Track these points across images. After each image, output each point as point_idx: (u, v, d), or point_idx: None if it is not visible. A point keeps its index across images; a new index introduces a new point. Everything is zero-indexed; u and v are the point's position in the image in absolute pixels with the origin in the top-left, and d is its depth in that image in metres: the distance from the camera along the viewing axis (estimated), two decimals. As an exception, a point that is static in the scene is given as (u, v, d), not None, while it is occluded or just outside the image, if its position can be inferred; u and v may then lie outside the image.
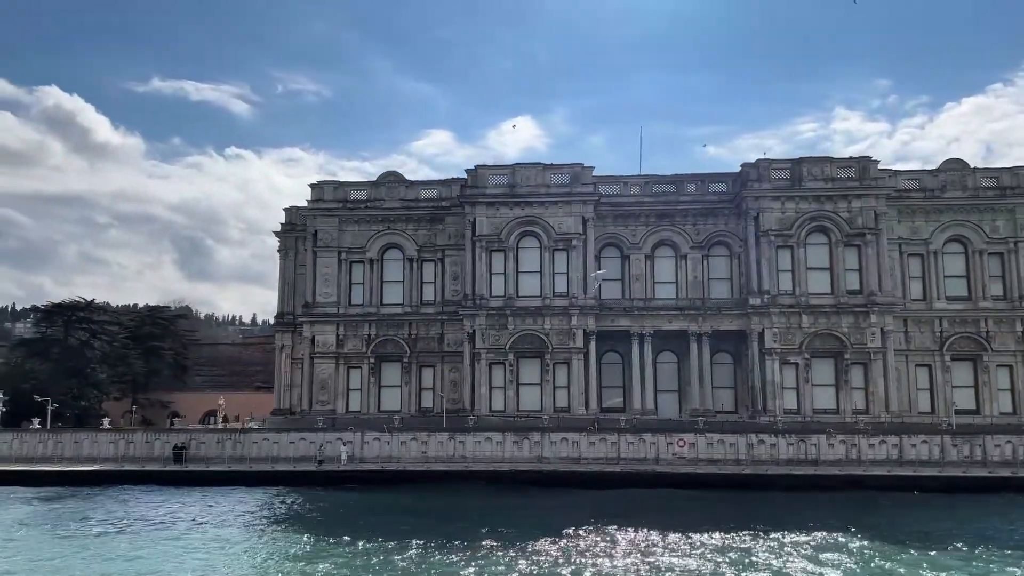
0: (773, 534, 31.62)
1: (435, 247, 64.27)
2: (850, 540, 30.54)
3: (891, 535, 31.29)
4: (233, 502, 42.09)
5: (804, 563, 27.03)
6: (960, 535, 31.20)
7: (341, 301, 64.14)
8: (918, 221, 61.06)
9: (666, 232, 63.14)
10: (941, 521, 35.41)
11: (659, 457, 51.18)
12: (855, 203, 58.38)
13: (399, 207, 64.68)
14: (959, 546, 29.52)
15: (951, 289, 60.54)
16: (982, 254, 60.25)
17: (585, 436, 52.00)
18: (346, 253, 64.56)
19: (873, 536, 31.00)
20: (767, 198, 58.85)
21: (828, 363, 57.57)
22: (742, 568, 26.42)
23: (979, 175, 61.44)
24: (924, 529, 33.06)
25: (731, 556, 28.03)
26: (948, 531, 32.14)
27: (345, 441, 52.96)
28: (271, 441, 54.16)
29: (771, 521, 34.25)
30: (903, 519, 36.25)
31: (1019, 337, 59.24)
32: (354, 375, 63.91)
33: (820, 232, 58.70)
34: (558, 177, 61.02)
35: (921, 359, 59.88)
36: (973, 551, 28.76)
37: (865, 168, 58.86)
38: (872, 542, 30.10)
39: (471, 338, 59.58)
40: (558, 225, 60.30)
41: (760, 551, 28.85)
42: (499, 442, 52.51)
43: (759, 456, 50.71)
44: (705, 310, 59.70)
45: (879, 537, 30.85)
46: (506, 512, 38.06)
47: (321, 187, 65.86)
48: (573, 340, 58.99)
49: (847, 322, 57.25)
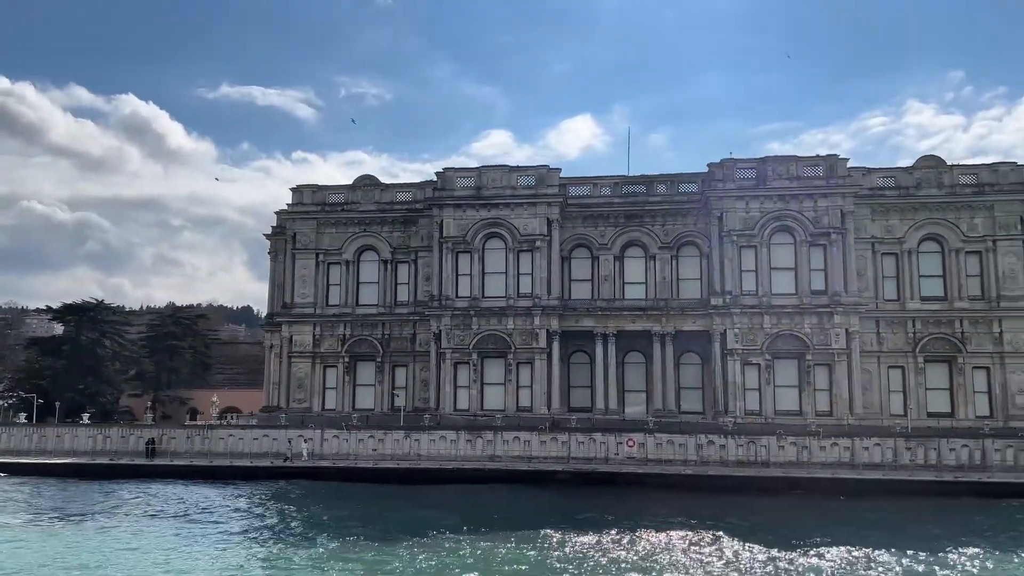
0: (618, 530, 31.99)
1: (409, 249, 65.47)
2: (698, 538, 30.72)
3: (746, 534, 31.27)
4: (179, 495, 43.82)
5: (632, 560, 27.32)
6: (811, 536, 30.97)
7: (318, 302, 65.84)
8: (892, 220, 59.80)
9: (635, 233, 63.10)
10: (811, 521, 35.14)
11: (608, 457, 51.41)
12: (821, 202, 57.53)
13: (374, 209, 66.08)
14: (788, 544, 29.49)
15: (926, 289, 59.14)
16: (959, 253, 58.71)
17: (537, 435, 52.54)
18: (323, 255, 66.24)
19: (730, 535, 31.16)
20: (731, 198, 58.42)
21: (791, 364, 56.87)
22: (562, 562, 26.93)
23: (956, 172, 59.87)
24: (791, 529, 32.76)
25: (546, 551, 28.56)
26: (808, 532, 31.73)
27: (306, 438, 54.53)
28: (236, 437, 56.11)
29: (626, 516, 34.66)
30: (786, 521, 35.89)
31: (996, 338, 57.54)
32: (330, 374, 65.54)
33: (785, 232, 58.02)
34: (524, 179, 61.60)
35: (894, 361, 58.63)
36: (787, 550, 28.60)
37: (832, 166, 57.98)
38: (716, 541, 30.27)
39: (437, 338, 60.61)
40: (523, 226, 60.88)
41: (597, 548, 29.21)
42: (453, 440, 53.44)
43: (708, 457, 50.53)
44: (668, 310, 59.58)
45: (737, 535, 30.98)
46: (433, 508, 38.89)
47: (301, 191, 67.69)
48: (536, 340, 59.51)
49: (810, 323, 56.47)
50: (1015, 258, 57.97)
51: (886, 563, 26.86)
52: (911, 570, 26.11)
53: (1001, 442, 48.46)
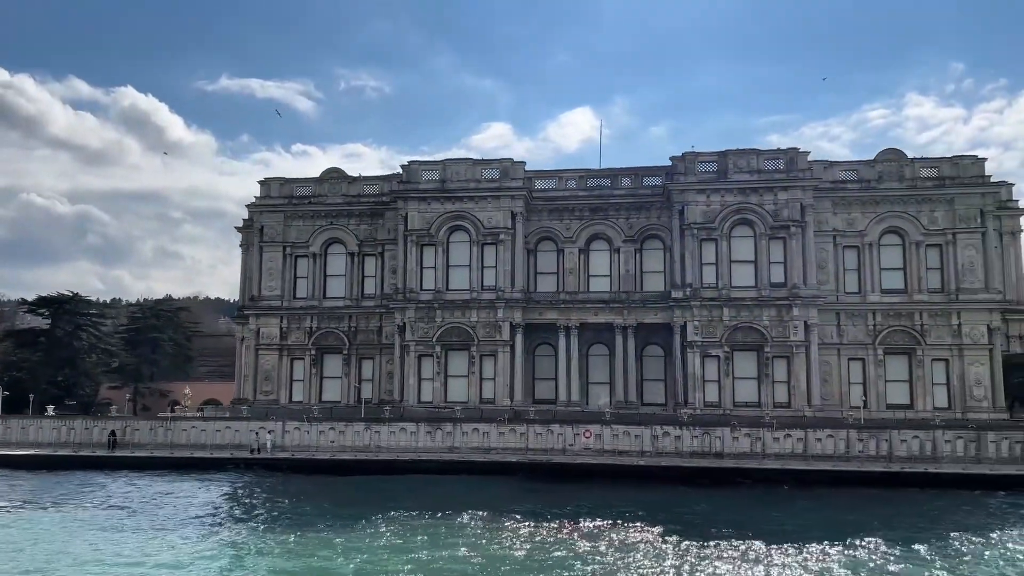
0: (560, 520, 32.48)
1: (376, 242, 65.70)
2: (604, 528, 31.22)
3: (675, 523, 31.72)
4: (129, 485, 44.13)
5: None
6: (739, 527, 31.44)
7: (285, 295, 66.10)
8: (854, 213, 60.11)
9: (600, 226, 63.39)
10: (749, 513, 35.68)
11: (566, 448, 51.80)
12: (781, 195, 57.84)
13: (341, 202, 66.29)
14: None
15: (887, 282, 59.51)
16: (919, 246, 59.07)
17: (495, 427, 52.89)
18: (291, 248, 66.47)
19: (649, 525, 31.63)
20: (692, 191, 58.70)
21: (750, 356, 57.28)
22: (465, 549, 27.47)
23: (918, 165, 60.16)
24: (724, 519, 33.25)
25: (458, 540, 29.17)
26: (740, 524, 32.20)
27: (268, 430, 54.87)
28: (199, 429, 56.43)
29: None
30: (723, 511, 36.32)
31: (955, 331, 57.95)
32: (298, 366, 65.88)
33: (745, 225, 58.33)
34: (488, 172, 61.83)
35: (854, 353, 59.04)
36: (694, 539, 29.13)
37: (793, 160, 58.25)
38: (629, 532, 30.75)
39: (401, 331, 60.93)
40: (487, 219, 61.13)
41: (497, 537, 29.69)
42: (412, 432, 53.77)
43: (663, 448, 50.93)
44: (630, 303, 59.95)
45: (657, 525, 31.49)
46: (385, 499, 39.23)
47: (268, 184, 67.90)
48: (499, 333, 59.85)
49: (769, 315, 56.84)
50: (974, 251, 58.34)
51: (790, 551, 27.32)
52: (802, 557, 26.52)
53: (951, 433, 48.90)
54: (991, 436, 48.40)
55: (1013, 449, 48.05)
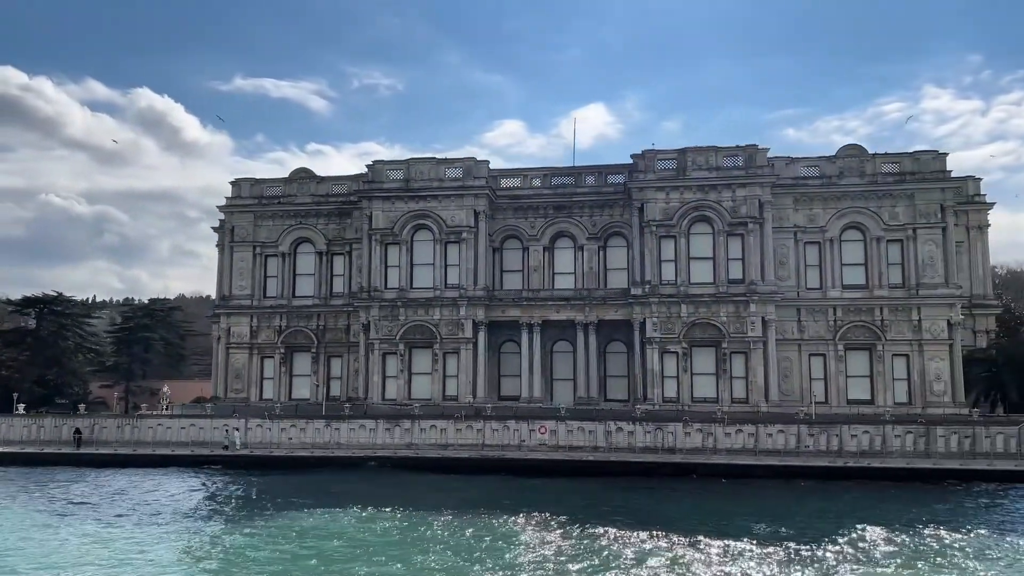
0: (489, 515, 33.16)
1: (344, 241, 66.38)
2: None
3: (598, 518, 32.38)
4: (85, 482, 45.05)
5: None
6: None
7: (255, 294, 66.94)
8: (816, 209, 60.28)
9: (564, 224, 63.85)
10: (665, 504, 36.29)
11: (521, 444, 52.35)
12: (739, 192, 58.10)
13: (310, 202, 67.03)
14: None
15: (848, 277, 59.67)
16: (879, 241, 59.18)
17: (452, 423, 53.52)
18: (260, 247, 67.29)
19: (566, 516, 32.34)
20: (651, 188, 59.06)
21: (709, 352, 57.61)
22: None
23: (879, 160, 60.26)
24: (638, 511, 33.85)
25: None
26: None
27: (232, 427, 55.70)
28: (165, 427, 57.35)
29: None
30: (658, 504, 36.90)
31: (915, 326, 58.05)
32: (268, 364, 66.74)
33: (704, 222, 58.63)
34: (452, 171, 62.37)
35: (815, 348, 59.25)
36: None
37: (751, 157, 58.50)
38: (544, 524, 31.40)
39: (366, 329, 61.63)
40: (450, 218, 61.70)
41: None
42: (372, 429, 54.49)
43: (617, 444, 51.39)
44: (592, 300, 60.39)
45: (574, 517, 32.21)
46: (330, 495, 39.96)
47: (239, 184, 68.74)
48: (462, 330, 60.43)
49: (727, 311, 57.16)
50: (934, 246, 58.40)
51: (662, 538, 28.38)
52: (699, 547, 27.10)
53: (901, 428, 49.12)
54: (940, 431, 48.61)
55: (962, 444, 48.22)
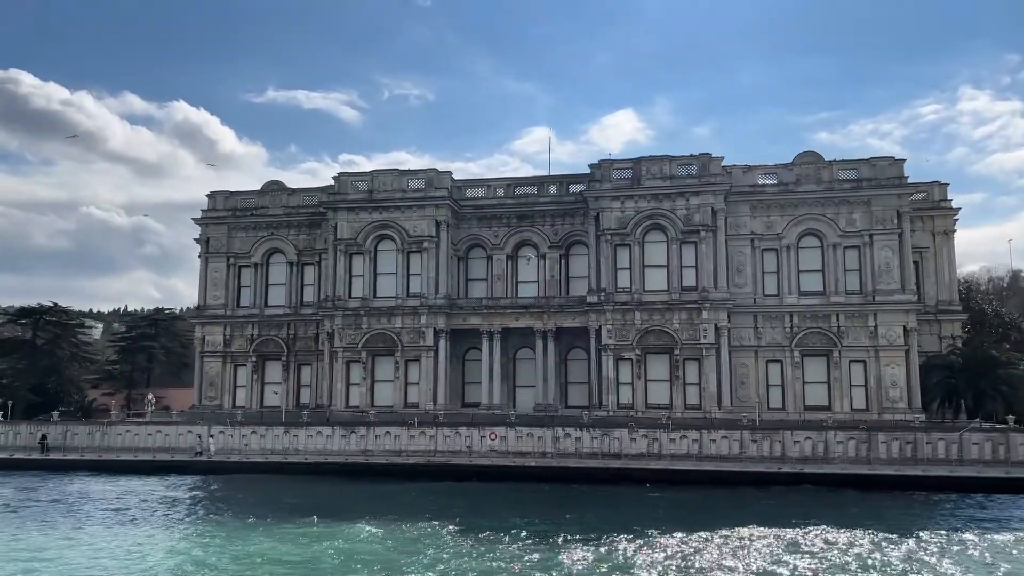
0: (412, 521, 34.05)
1: (314, 251, 67.91)
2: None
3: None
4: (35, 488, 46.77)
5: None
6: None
7: (229, 303, 68.69)
8: (773, 216, 60.62)
9: (527, 233, 64.85)
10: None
11: (472, 450, 53.26)
12: (693, 200, 58.67)
13: (281, 214, 68.72)
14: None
15: (806, 284, 59.90)
16: (836, 248, 59.38)
17: (406, 430, 54.56)
18: (234, 258, 69.07)
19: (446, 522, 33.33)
20: (606, 198, 59.84)
21: (663, 359, 58.17)
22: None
23: (836, 167, 60.47)
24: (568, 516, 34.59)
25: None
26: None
27: (206, 434, 57.29)
28: (133, 433, 59.08)
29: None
30: (581, 508, 37.64)
31: (871, 332, 58.12)
32: (241, 372, 68.40)
33: (658, 230, 59.26)
34: (414, 182, 63.66)
35: (772, 355, 59.52)
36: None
37: (705, 165, 59.07)
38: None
39: (330, 337, 63.04)
40: (412, 228, 62.95)
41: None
42: (328, 436, 55.65)
43: (565, 449, 52.09)
44: (550, 308, 61.21)
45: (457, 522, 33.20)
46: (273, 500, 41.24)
47: (215, 197, 70.67)
48: (423, 338, 61.58)
49: (679, 318, 57.69)
50: (891, 252, 58.47)
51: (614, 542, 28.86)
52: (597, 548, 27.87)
53: (844, 434, 49.28)
54: (882, 437, 48.72)
55: (904, 450, 48.31)
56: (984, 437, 47.99)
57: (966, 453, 47.68)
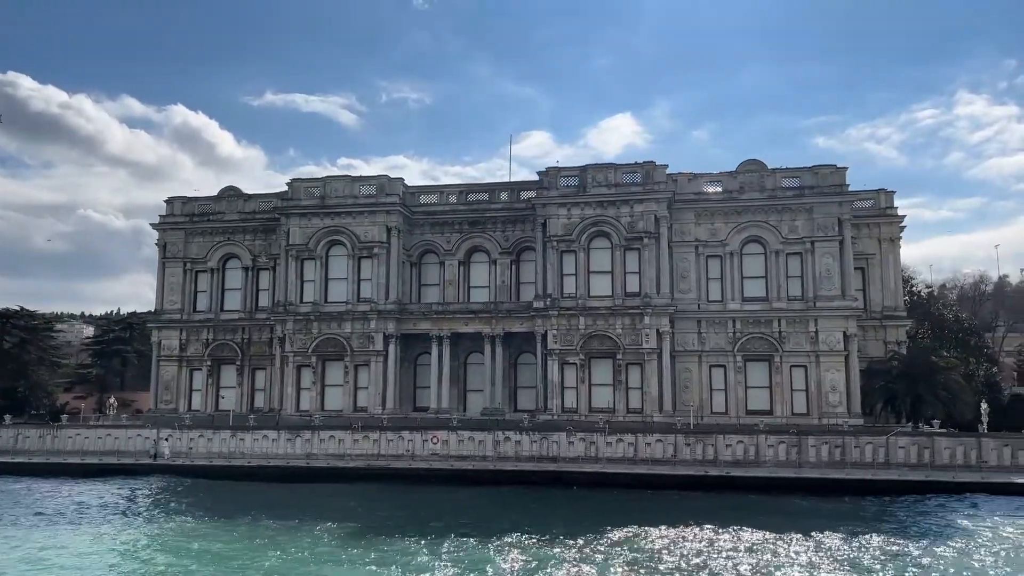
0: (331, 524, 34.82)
1: (269, 256, 68.51)
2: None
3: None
4: None
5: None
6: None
7: (185, 308, 69.28)
8: (717, 223, 61.57)
9: (478, 239, 65.68)
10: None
11: (415, 453, 53.99)
12: (637, 207, 59.57)
13: (237, 219, 69.39)
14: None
15: (749, 290, 60.83)
16: (779, 254, 60.33)
17: (350, 434, 55.25)
18: (191, 263, 69.67)
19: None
20: (554, 205, 60.70)
21: (606, 363, 59.00)
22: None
23: (779, 175, 61.45)
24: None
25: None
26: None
27: (145, 436, 57.91)
28: (83, 436, 59.61)
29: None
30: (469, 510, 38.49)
31: (812, 338, 59.05)
32: (196, 376, 68.95)
33: (603, 237, 60.14)
34: (366, 188, 64.42)
35: (716, 360, 60.41)
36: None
37: (649, 173, 59.98)
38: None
39: (281, 342, 63.71)
40: (363, 234, 63.70)
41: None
42: (274, 439, 56.33)
43: (505, 453, 52.87)
44: (498, 313, 62.00)
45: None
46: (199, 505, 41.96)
47: (172, 202, 71.28)
48: (372, 343, 62.29)
49: (622, 324, 58.54)
50: (831, 259, 59.44)
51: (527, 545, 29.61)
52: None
53: (774, 438, 50.19)
54: (811, 441, 49.64)
55: (833, 453, 49.23)
56: (910, 441, 48.95)
57: (893, 457, 48.66)
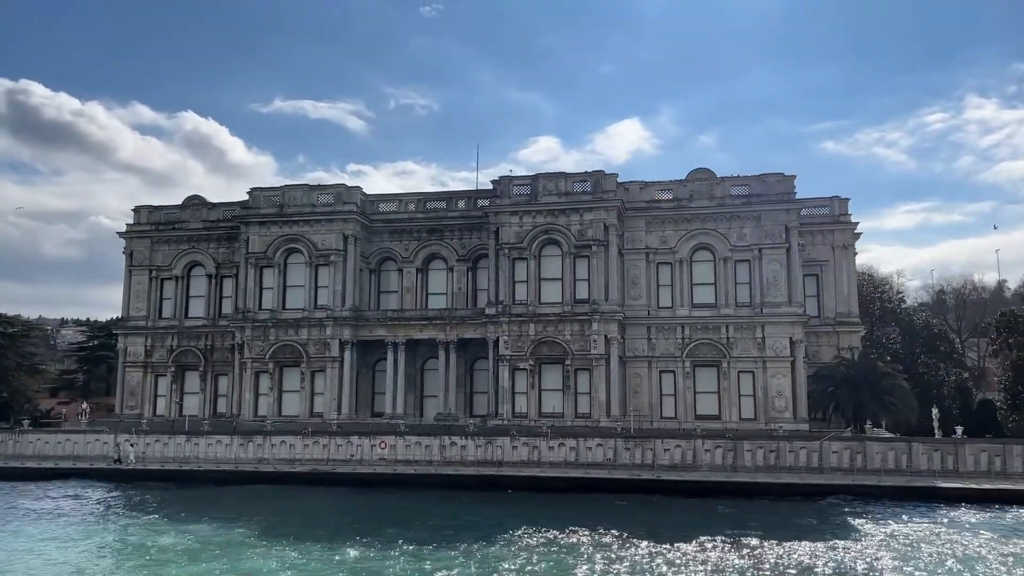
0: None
1: (232, 264, 69.68)
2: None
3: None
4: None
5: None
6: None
7: (151, 315, 70.49)
8: (668, 231, 62.52)
9: (436, 246, 66.77)
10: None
11: (363, 458, 54.96)
12: (587, 216, 60.56)
13: (201, 228, 70.63)
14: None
15: (698, 296, 61.75)
16: (727, 261, 61.24)
17: (300, 439, 56.25)
18: (156, 271, 70.91)
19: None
20: (505, 213, 61.74)
21: (556, 369, 59.93)
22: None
23: (728, 183, 62.40)
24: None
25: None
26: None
27: (103, 441, 59.06)
28: (43, 441, 60.79)
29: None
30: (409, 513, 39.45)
31: (759, 343, 59.92)
32: (162, 382, 70.13)
33: (553, 244, 61.14)
34: (324, 197, 65.57)
35: (665, 365, 61.32)
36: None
37: (599, 182, 60.99)
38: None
39: (240, 348, 64.82)
40: (321, 242, 64.83)
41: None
42: (227, 444, 57.34)
43: (451, 458, 53.77)
44: (452, 319, 63.00)
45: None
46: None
47: (139, 211, 72.59)
48: (328, 350, 63.36)
49: (571, 330, 59.48)
50: (779, 266, 60.32)
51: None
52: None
53: (711, 443, 51.00)
54: (746, 445, 50.44)
55: (768, 458, 50.03)
56: (843, 445, 49.72)
57: (826, 461, 49.43)
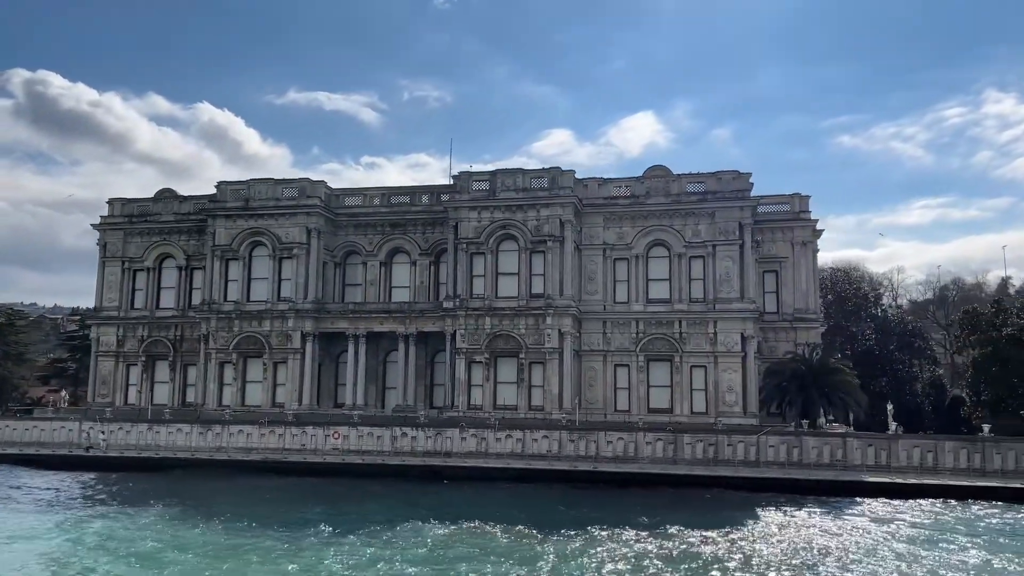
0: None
1: (202, 256, 70.86)
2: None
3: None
4: None
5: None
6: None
7: (123, 306, 71.93)
8: (624, 227, 63.44)
9: (399, 240, 67.90)
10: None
11: (317, 448, 56.31)
12: (543, 212, 61.49)
13: (173, 220, 71.96)
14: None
15: (653, 292, 62.72)
16: (682, 258, 62.14)
17: (257, 428, 57.61)
18: (129, 262, 72.31)
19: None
20: (464, 208, 62.76)
21: (511, 362, 61.02)
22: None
23: (684, 180, 63.21)
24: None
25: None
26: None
27: (68, 429, 60.62)
28: (11, 428, 62.40)
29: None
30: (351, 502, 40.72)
31: (711, 339, 60.85)
32: (133, 372, 71.63)
33: (510, 239, 62.13)
34: (288, 191, 66.75)
35: (620, 359, 62.37)
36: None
37: (555, 179, 61.91)
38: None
39: (205, 339, 66.18)
40: (284, 235, 66.04)
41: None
42: (187, 433, 58.78)
43: (402, 448, 55.06)
44: (412, 313, 64.17)
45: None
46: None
47: (113, 204, 73.93)
48: (290, 341, 64.66)
49: (526, 324, 60.55)
50: (731, 262, 61.17)
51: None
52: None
53: (652, 436, 52.09)
54: (686, 439, 51.52)
55: (707, 451, 51.08)
56: (780, 440, 50.71)
57: (763, 455, 50.43)
